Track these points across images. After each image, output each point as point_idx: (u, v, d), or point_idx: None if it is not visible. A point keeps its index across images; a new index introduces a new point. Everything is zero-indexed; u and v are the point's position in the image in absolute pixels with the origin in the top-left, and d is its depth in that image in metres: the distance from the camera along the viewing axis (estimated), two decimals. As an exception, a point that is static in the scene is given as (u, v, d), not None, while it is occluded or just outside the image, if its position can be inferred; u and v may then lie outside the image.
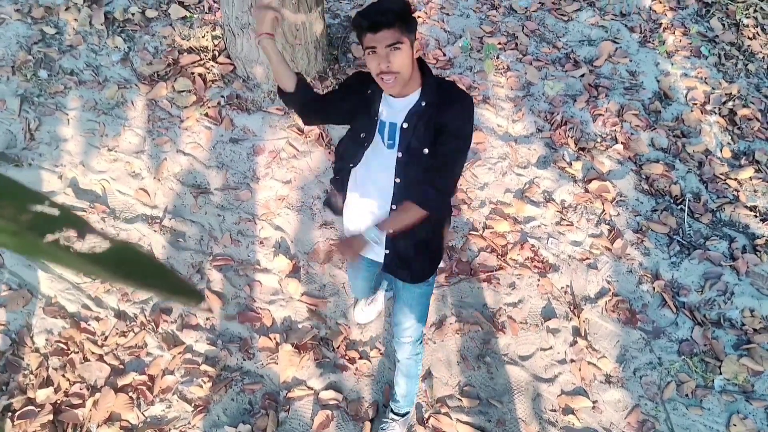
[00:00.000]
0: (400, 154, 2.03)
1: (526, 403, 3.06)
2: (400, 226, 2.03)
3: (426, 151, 2.00)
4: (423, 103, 1.99)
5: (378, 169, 2.09)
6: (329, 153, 3.82)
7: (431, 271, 2.33)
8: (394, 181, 2.07)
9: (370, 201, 2.17)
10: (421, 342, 2.57)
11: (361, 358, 3.12)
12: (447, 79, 2.16)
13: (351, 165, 2.19)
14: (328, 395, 2.99)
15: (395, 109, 2.03)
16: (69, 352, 2.97)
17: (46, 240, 0.36)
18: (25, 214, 0.36)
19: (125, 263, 0.39)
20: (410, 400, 2.79)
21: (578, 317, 3.34)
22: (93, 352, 2.98)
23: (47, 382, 2.87)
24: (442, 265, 3.43)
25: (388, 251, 2.22)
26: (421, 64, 2.02)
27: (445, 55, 4.51)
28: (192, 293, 0.44)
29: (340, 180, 2.29)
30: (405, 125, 2.00)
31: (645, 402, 3.09)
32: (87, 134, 3.70)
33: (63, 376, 2.89)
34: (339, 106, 2.17)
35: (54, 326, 3.03)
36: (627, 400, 3.10)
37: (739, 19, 5.16)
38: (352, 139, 2.17)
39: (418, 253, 2.22)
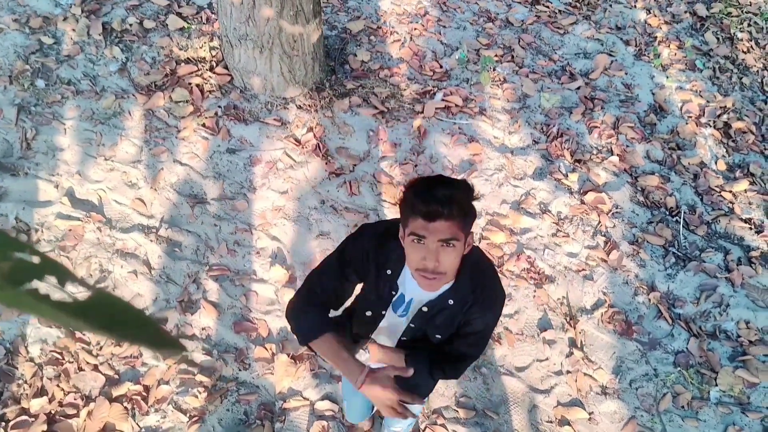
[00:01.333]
0: (412, 325, 1.83)
1: (522, 414, 3.05)
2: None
3: (439, 337, 1.82)
4: (450, 302, 1.72)
5: (386, 330, 1.95)
6: (326, 163, 3.82)
7: (434, 385, 2.26)
8: (400, 339, 1.93)
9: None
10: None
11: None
12: (481, 257, 1.81)
13: (372, 320, 1.92)
14: (323, 406, 2.98)
15: (416, 292, 1.76)
16: (63, 361, 2.96)
17: (25, 289, 0.36)
18: (4, 262, 0.36)
19: (106, 312, 0.39)
20: (406, 424, 2.76)
21: (574, 328, 3.34)
22: (88, 362, 2.97)
23: (41, 392, 2.85)
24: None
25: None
26: None
27: (441, 67, 4.54)
28: (173, 344, 0.44)
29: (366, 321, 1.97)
30: (424, 309, 1.77)
31: (641, 414, 3.09)
32: (84, 144, 3.70)
33: (57, 386, 2.88)
34: (346, 292, 1.85)
35: (49, 336, 3.02)
36: (623, 411, 3.10)
37: (734, 33, 5.21)
38: (365, 305, 1.90)
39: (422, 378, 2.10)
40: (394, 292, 1.78)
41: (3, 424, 2.73)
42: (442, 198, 1.50)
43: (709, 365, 3.27)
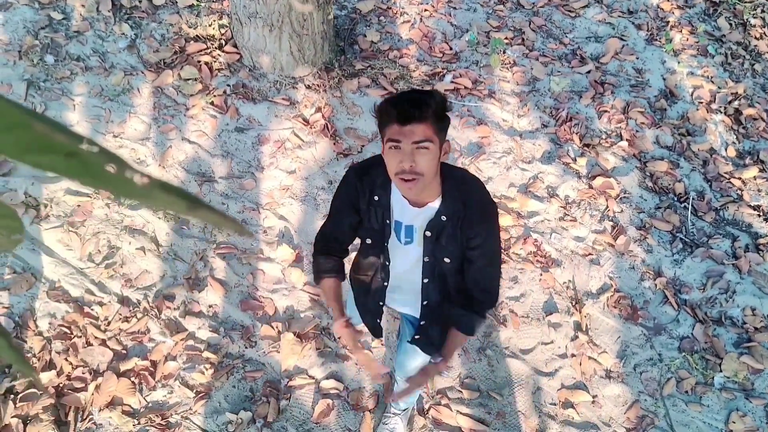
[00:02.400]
0: (426, 259, 1.90)
1: (526, 396, 3.07)
2: (450, 353, 2.00)
3: (447, 260, 1.88)
4: (443, 217, 1.80)
5: (402, 266, 2.00)
6: (334, 144, 3.82)
7: None
8: (422, 281, 1.99)
9: (403, 294, 2.12)
10: None
11: (362, 348, 3.13)
12: (465, 174, 1.91)
13: (383, 261, 2.01)
14: (329, 384, 3.00)
15: (411, 214, 1.85)
16: (72, 336, 2.98)
17: (105, 168, 0.37)
18: (75, 145, 0.37)
19: (176, 196, 0.40)
20: (411, 400, 2.79)
21: (580, 312, 3.35)
22: (96, 337, 2.99)
23: (50, 366, 2.88)
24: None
25: (418, 336, 2.18)
26: (442, 167, 1.79)
27: (451, 48, 4.51)
28: (237, 223, 0.45)
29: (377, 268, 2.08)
30: (428, 233, 1.84)
31: (645, 398, 3.10)
32: (93, 120, 3.70)
33: (66, 359, 2.90)
34: (349, 228, 1.98)
35: (57, 310, 3.04)
36: (627, 395, 3.11)
37: (747, 19, 5.15)
38: (369, 244, 1.99)
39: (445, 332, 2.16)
40: (388, 220, 1.88)
41: (12, 396, 2.76)
42: (413, 101, 1.62)
43: (713, 351, 3.27)
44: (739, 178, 4.03)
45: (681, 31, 4.95)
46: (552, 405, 3.06)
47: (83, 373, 2.88)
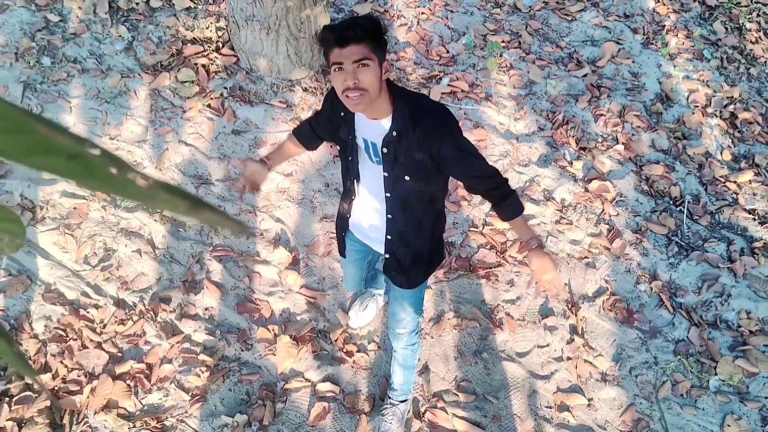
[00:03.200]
0: (386, 174, 2.04)
1: (522, 399, 3.07)
2: (530, 232, 2.17)
3: (407, 178, 2.00)
4: (394, 133, 1.93)
5: (371, 184, 2.15)
6: (330, 146, 3.82)
7: (426, 277, 2.39)
8: (385, 196, 2.11)
9: (370, 211, 2.25)
10: (417, 333, 2.59)
11: (358, 351, 3.13)
12: (416, 93, 2.07)
13: (352, 178, 2.20)
14: (325, 387, 3.00)
15: (369, 129, 2.00)
16: (67, 338, 2.97)
17: (107, 169, 0.37)
18: (73, 149, 0.37)
19: (172, 197, 0.40)
20: (407, 389, 2.81)
21: (576, 315, 3.35)
22: (91, 340, 2.99)
23: (45, 368, 2.87)
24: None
25: (387, 256, 2.28)
26: (392, 87, 1.94)
27: (448, 52, 4.52)
28: (240, 223, 0.46)
29: (347, 192, 2.31)
30: (384, 150, 1.98)
31: (640, 401, 3.11)
32: (89, 122, 3.70)
33: (61, 362, 2.90)
34: (324, 129, 2.23)
35: (53, 313, 3.04)
36: (622, 398, 3.12)
37: (742, 23, 5.18)
38: (342, 158, 2.21)
39: (415, 262, 2.28)
40: (351, 137, 2.05)
41: (7, 399, 2.75)
42: (348, 24, 1.75)
43: (709, 354, 3.28)
44: (735, 182, 4.04)
45: (677, 35, 4.97)
46: (548, 408, 3.07)
47: (78, 376, 2.87)
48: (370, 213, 2.25)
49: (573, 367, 3.19)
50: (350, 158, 2.12)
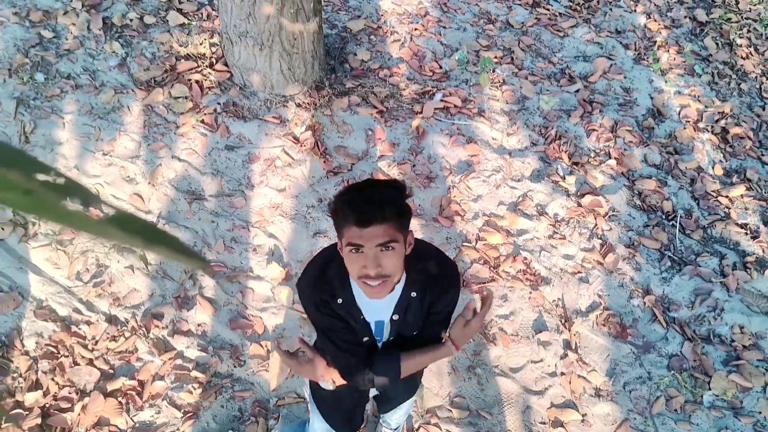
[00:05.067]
0: (392, 337, 1.81)
1: (516, 415, 3.06)
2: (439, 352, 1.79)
3: (414, 333, 1.79)
4: (413, 294, 1.67)
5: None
6: (324, 162, 3.83)
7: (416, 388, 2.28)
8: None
9: None
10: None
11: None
12: (428, 247, 1.81)
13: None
14: (318, 404, 2.98)
15: (377, 308, 1.70)
16: (59, 355, 2.96)
17: (61, 204, 0.38)
18: (33, 181, 0.37)
19: (132, 229, 0.40)
20: (401, 420, 2.76)
21: (569, 330, 3.35)
22: (83, 356, 2.97)
23: (36, 386, 2.85)
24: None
25: (377, 393, 2.17)
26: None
27: (441, 67, 4.54)
28: (197, 256, 0.45)
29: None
30: (395, 317, 1.72)
31: (634, 416, 3.10)
32: (82, 138, 3.70)
33: (52, 379, 2.88)
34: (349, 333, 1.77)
35: (44, 329, 3.02)
36: (616, 413, 3.11)
37: (733, 39, 5.22)
38: (346, 348, 1.76)
39: (404, 389, 2.19)
40: (362, 317, 1.71)
41: (-3, 416, 2.72)
42: (371, 201, 1.45)
43: (702, 369, 3.28)
44: (727, 197, 4.06)
45: (668, 51, 5.01)
46: (542, 424, 3.06)
47: (70, 393, 2.85)
48: None
49: (567, 383, 3.19)
50: (366, 339, 1.79)
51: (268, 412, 2.94)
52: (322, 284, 1.66)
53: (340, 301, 1.67)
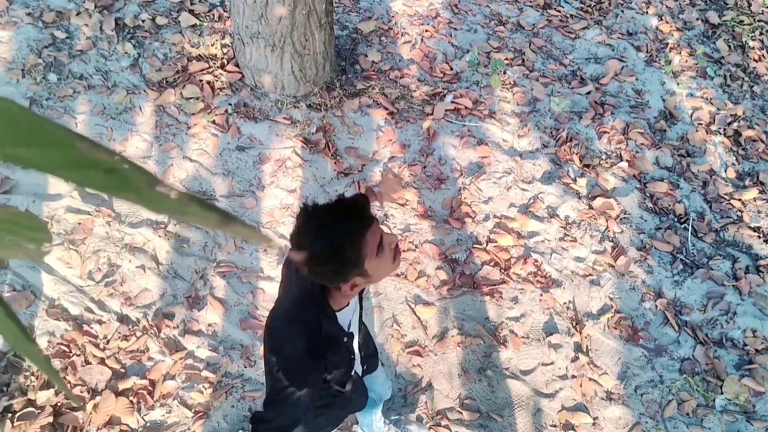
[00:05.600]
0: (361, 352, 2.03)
1: (527, 417, 3.05)
2: None
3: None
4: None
5: None
6: (335, 163, 3.83)
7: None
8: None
9: None
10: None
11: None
12: None
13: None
14: (328, 405, 2.98)
15: (346, 317, 1.78)
16: (71, 354, 2.97)
17: (138, 183, 0.38)
18: (112, 160, 0.38)
19: (203, 210, 0.41)
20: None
21: (580, 333, 3.33)
22: (95, 355, 2.98)
23: (48, 384, 2.86)
24: (444, 277, 3.44)
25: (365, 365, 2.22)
26: None
27: (452, 69, 4.54)
28: (264, 237, 0.46)
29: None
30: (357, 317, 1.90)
31: (646, 420, 3.08)
32: (95, 138, 3.69)
33: (64, 378, 2.89)
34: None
35: (56, 328, 3.03)
36: (628, 417, 3.09)
37: (745, 41, 5.19)
38: (340, 366, 1.86)
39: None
40: (348, 330, 1.78)
41: (9, 415, 2.74)
42: (353, 205, 1.52)
43: (714, 373, 3.26)
44: (739, 200, 4.04)
45: (680, 53, 4.98)
46: (552, 427, 3.04)
47: (82, 392, 2.86)
48: None
49: (578, 386, 3.17)
50: (352, 356, 1.89)
51: (279, 412, 2.94)
52: (311, 329, 1.65)
53: (345, 339, 1.74)
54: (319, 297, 1.64)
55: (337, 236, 1.47)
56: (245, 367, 3.06)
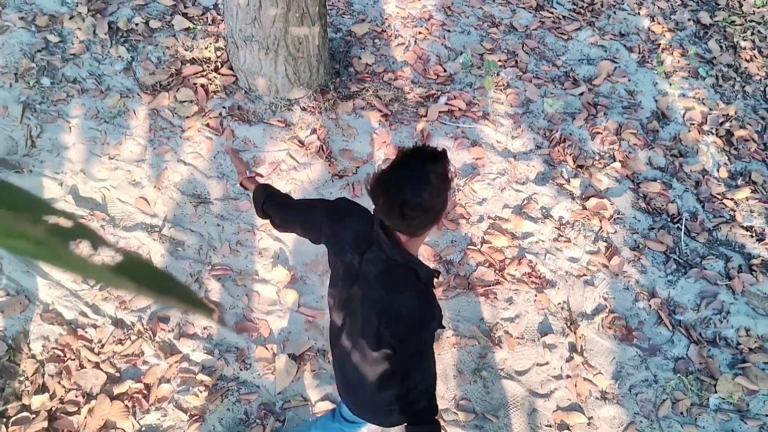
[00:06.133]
0: None
1: (522, 418, 3.06)
2: None
3: None
4: None
5: None
6: (329, 165, 3.84)
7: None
8: None
9: None
10: None
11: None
12: None
13: None
14: (324, 407, 2.98)
15: None
16: (65, 359, 2.96)
17: (70, 250, 0.38)
18: (41, 224, 0.38)
19: (140, 275, 0.40)
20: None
21: (575, 333, 3.35)
22: (89, 360, 2.97)
23: (43, 389, 2.86)
24: (440, 278, 3.45)
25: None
26: None
27: (445, 71, 4.55)
28: (203, 306, 0.45)
29: None
30: None
31: (640, 419, 3.10)
32: (88, 142, 3.71)
33: (59, 383, 2.88)
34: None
35: (51, 333, 3.03)
36: (622, 416, 3.10)
37: (737, 42, 5.22)
38: None
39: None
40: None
41: (4, 420, 2.73)
42: (443, 159, 1.62)
43: (708, 372, 3.28)
44: (732, 199, 4.06)
45: (672, 54, 5.01)
46: (548, 427, 3.05)
47: (76, 397, 2.86)
48: None
49: (572, 386, 3.18)
50: None
51: (274, 414, 2.94)
52: (425, 292, 1.75)
53: (426, 275, 1.76)
54: (407, 253, 1.71)
55: (441, 184, 1.58)
56: (241, 370, 3.06)
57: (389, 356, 1.79)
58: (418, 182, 1.55)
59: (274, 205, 2.12)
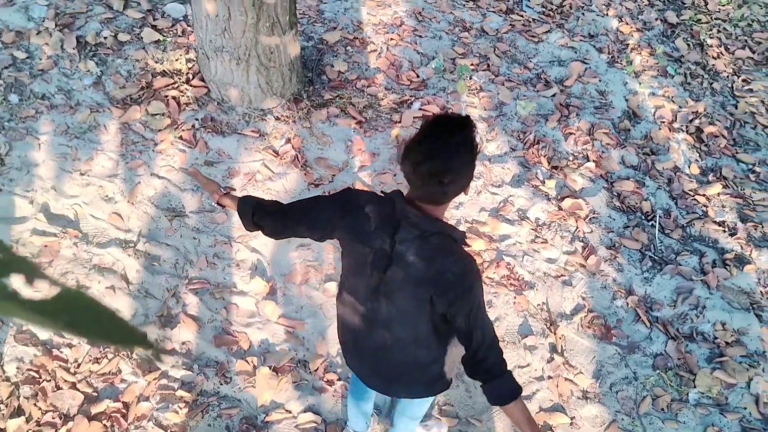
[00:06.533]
0: None
1: (505, 421, 3.06)
2: None
3: None
4: None
5: None
6: (305, 174, 3.82)
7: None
8: None
9: None
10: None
11: (339, 380, 3.11)
12: None
13: None
14: (306, 418, 2.96)
15: None
16: (41, 380, 2.91)
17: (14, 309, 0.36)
18: None
19: (76, 311, 0.38)
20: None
21: (555, 334, 3.37)
22: (65, 380, 2.92)
23: (18, 412, 2.81)
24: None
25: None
26: None
27: (418, 76, 4.56)
28: (142, 341, 0.43)
29: None
30: None
31: (622, 417, 3.12)
32: (59, 159, 3.66)
33: (35, 405, 2.83)
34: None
35: (25, 354, 2.97)
36: (604, 415, 3.12)
37: (704, 40, 5.31)
38: None
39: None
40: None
41: (-21, 445, 2.68)
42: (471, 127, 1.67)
43: (687, 367, 3.31)
44: (704, 195, 4.11)
45: (641, 53, 5.08)
46: (531, 429, 3.06)
47: (53, 419, 2.81)
48: None
49: (554, 386, 3.20)
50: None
51: (257, 428, 2.92)
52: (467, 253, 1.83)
53: (460, 237, 1.83)
54: (438, 221, 1.77)
55: (471, 149, 1.65)
56: (221, 384, 3.03)
57: (445, 326, 1.85)
58: (450, 150, 1.60)
59: (265, 215, 2.10)
